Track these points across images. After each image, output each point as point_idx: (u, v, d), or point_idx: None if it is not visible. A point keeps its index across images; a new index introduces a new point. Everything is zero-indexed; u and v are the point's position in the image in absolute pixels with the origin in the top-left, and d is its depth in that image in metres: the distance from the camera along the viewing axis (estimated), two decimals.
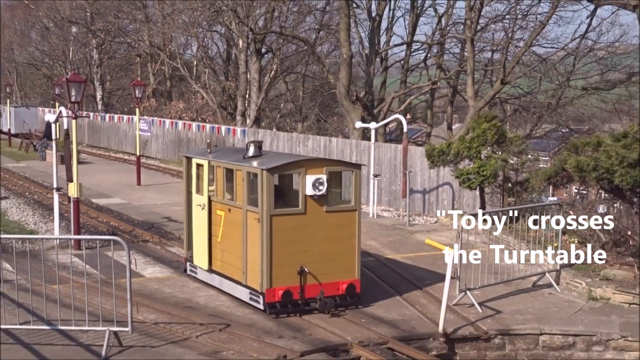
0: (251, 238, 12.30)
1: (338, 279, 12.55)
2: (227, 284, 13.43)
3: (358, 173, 12.85)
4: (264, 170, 11.77)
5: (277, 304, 12.13)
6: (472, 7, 33.49)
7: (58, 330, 11.30)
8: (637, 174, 14.14)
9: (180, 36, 49.63)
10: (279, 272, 12.01)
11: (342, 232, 12.59)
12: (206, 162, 13.70)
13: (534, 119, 38.57)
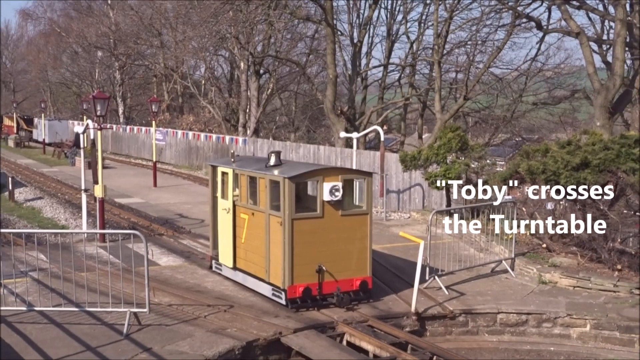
0: (273, 239, 11.84)
1: (352, 276, 12.07)
2: (250, 280, 12.87)
3: (370, 180, 12.39)
4: (286, 178, 11.33)
5: (297, 300, 11.70)
6: (439, 35, 33.58)
7: (86, 312, 11.27)
8: (579, 176, 14.18)
9: (190, 59, 49.59)
10: (300, 271, 11.55)
11: (355, 234, 12.10)
12: (231, 170, 13.16)
13: (492, 129, 38.70)
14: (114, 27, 57.19)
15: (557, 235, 16.38)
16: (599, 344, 12.11)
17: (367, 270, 12.23)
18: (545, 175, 14.62)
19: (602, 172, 14.20)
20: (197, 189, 30.12)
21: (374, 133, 29.44)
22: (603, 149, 14.32)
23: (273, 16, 35.52)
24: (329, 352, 10.77)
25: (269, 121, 49.66)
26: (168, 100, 53.63)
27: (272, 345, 11.09)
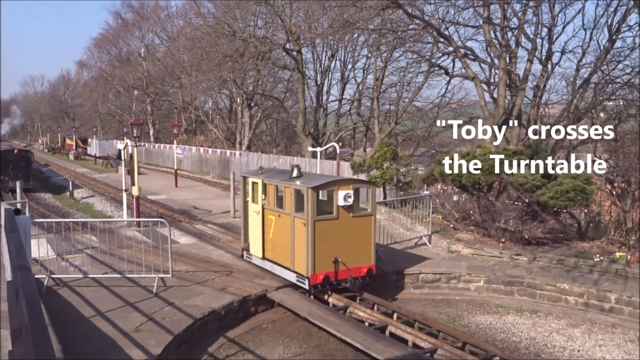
0: (298, 236, 11.04)
1: (360, 264, 11.25)
2: (277, 268, 11.88)
3: (374, 188, 11.66)
4: (309, 188, 10.63)
5: (318, 285, 10.90)
6: (377, 78, 33.80)
7: (126, 277, 11.14)
8: (475, 177, 14.33)
9: (201, 96, 49.31)
10: (320, 262, 10.80)
11: (362, 231, 11.28)
12: (260, 180, 12.28)
13: (415, 144, 38.99)
14: (146, 73, 56.74)
15: (460, 218, 16.59)
16: (489, 294, 12.28)
17: (371, 260, 11.44)
18: (451, 176, 14.75)
19: (491, 174, 14.35)
20: (206, 189, 29.89)
21: (332, 148, 29.48)
22: (491, 157, 14.43)
23: (260, 65, 35.56)
24: (300, 303, 10.79)
25: (258, 140, 49.46)
26: (185, 125, 53.22)
27: (261, 299, 11.09)
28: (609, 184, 19.64)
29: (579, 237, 15.39)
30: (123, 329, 8.72)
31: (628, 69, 24.21)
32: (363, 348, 8.75)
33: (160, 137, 60.71)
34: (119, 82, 61.56)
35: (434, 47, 27.56)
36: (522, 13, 24.18)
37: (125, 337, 8.43)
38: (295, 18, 32.59)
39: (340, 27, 23.85)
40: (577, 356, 9.55)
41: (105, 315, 9.28)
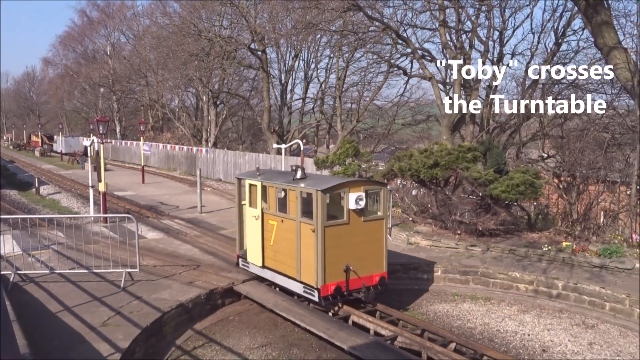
0: (305, 244, 9.82)
1: (372, 272, 10.06)
2: (279, 278, 10.66)
3: (386, 190, 10.46)
4: (319, 191, 9.44)
5: (329, 297, 9.67)
6: (339, 78, 33.82)
7: (93, 272, 10.89)
8: (433, 172, 14.50)
9: (168, 94, 48.41)
10: (330, 271, 9.59)
11: (374, 236, 10.14)
12: (259, 183, 11.02)
13: (375, 141, 39.25)
14: (112, 71, 55.44)
15: (418, 212, 16.78)
16: (446, 283, 12.45)
17: (383, 267, 10.28)
18: (410, 172, 14.87)
19: (447, 169, 14.52)
20: (174, 185, 29.39)
21: (297, 145, 29.42)
22: (448, 154, 14.61)
23: (226, 64, 35.12)
24: (266, 295, 10.74)
25: (224, 137, 48.88)
26: (152, 122, 52.21)
27: (227, 291, 11.01)
28: (556, 178, 20.20)
29: (529, 228, 15.78)
30: (90, 324, 8.51)
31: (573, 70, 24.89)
32: (327, 337, 8.76)
33: (127, 134, 59.44)
34: (85, 79, 59.95)
35: (393, 49, 27.74)
36: (475, 17, 24.57)
37: (92, 332, 8.23)
38: (259, 19, 32.32)
39: (303, 28, 23.75)
40: (527, 340, 9.79)
41: (72, 310, 9.04)
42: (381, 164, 21.99)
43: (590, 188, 19.14)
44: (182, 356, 8.89)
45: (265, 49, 32.69)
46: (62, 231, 14.66)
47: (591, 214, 18.65)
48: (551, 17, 24.76)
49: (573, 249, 12.67)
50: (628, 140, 20.76)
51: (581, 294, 11.11)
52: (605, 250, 12.20)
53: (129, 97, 58.02)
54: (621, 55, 14.06)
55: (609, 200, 19.51)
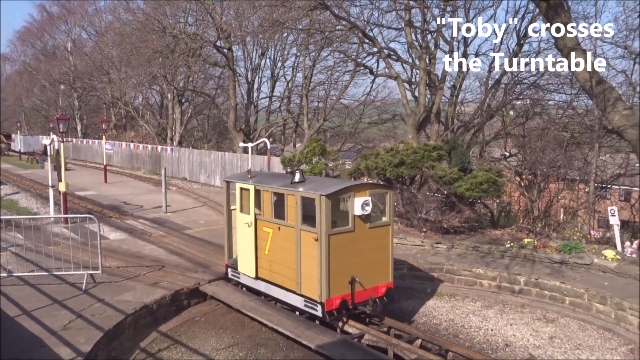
0: (307, 253, 9.00)
1: (378, 283, 9.39)
2: (275, 290, 9.84)
3: (392, 193, 9.72)
4: (323, 195, 8.60)
5: (334, 312, 8.91)
6: (306, 77, 33.79)
7: (53, 275, 10.59)
8: (399, 171, 14.64)
9: (131, 91, 47.46)
10: (335, 284, 8.81)
11: (380, 244, 9.42)
12: (251, 186, 10.15)
13: (342, 140, 39.40)
14: (73, 68, 53.99)
15: None
16: (412, 280, 12.56)
17: (389, 277, 9.61)
18: (377, 170, 14.98)
19: (413, 168, 14.68)
20: (137, 184, 28.83)
21: (263, 143, 29.29)
22: (413, 153, 14.76)
23: (191, 62, 34.66)
24: (233, 295, 10.65)
25: (189, 135, 48.29)
26: (115, 120, 51.07)
27: (193, 292, 10.87)
28: (518, 176, 20.71)
29: (492, 225, 16.09)
30: (51, 327, 8.28)
31: (534, 70, 25.54)
32: (294, 336, 8.74)
33: (89, 133, 58.07)
34: (45, 76, 58.21)
35: (359, 48, 27.89)
36: (440, 17, 24.91)
37: (53, 336, 8.00)
38: (225, 16, 32.00)
39: (269, 26, 23.62)
40: (490, 335, 9.99)
41: (31, 314, 8.77)
42: (348, 162, 22.06)
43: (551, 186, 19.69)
44: (146, 359, 8.73)
45: (231, 47, 32.41)
46: (20, 232, 14.21)
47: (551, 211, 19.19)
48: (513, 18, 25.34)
49: (534, 246, 12.98)
50: (587, 140, 21.41)
51: (542, 289, 11.39)
52: (564, 246, 12.55)
53: (91, 95, 56.70)
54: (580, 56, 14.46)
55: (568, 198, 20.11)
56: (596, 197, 19.22)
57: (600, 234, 16.04)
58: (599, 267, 11.76)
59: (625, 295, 10.25)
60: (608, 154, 22.66)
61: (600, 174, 20.51)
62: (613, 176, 21.70)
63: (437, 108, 24.66)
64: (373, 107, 37.02)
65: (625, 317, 10.04)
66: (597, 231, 17.45)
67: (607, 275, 11.47)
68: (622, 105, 14.21)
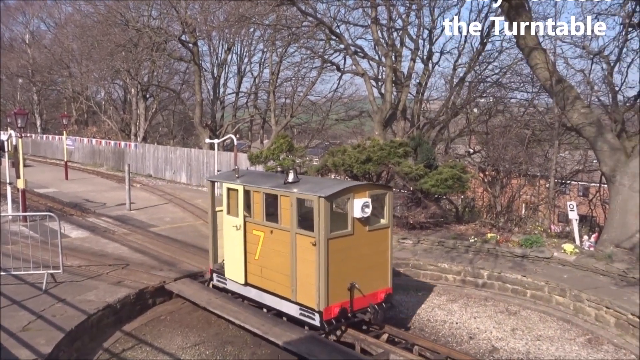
0: (303, 259, 8.48)
1: (377, 289, 8.94)
2: (267, 298, 9.31)
3: (390, 194, 9.19)
4: (322, 197, 8.06)
5: (333, 320, 8.40)
6: (273, 73, 33.61)
7: (12, 275, 10.26)
8: (366, 167, 14.71)
9: (93, 86, 46.31)
10: (334, 291, 8.33)
11: (379, 248, 8.97)
12: (240, 187, 9.52)
13: (310, 137, 39.42)
14: (32, 61, 52.32)
15: None
16: None
17: (388, 282, 9.17)
18: (344, 167, 15.03)
19: (379, 164, 14.78)
20: (100, 181, 28.21)
21: (230, 140, 29.04)
22: (380, 149, 14.86)
23: (155, 56, 34.09)
24: (199, 293, 10.54)
25: (154, 131, 47.48)
26: (76, 115, 49.74)
27: (159, 290, 10.73)
28: (482, 173, 21.12)
29: (457, 220, 16.38)
30: (9, 329, 8.04)
31: (497, 69, 26.09)
32: (261, 333, 8.72)
33: (49, 128, 56.43)
34: (1, 69, 56.25)
35: (326, 44, 27.91)
36: (406, 15, 25.16)
37: (11, 337, 7.77)
38: (190, 10, 31.52)
39: (235, 21, 23.39)
40: (455, 328, 10.18)
41: None
42: (315, 159, 22.09)
43: (513, 182, 20.18)
44: (110, 359, 8.57)
45: (196, 42, 31.99)
46: None
47: (513, 206, 19.66)
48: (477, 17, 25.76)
49: (497, 240, 13.28)
50: (547, 137, 22.01)
51: (505, 283, 11.67)
52: (526, 240, 12.88)
53: (51, 89, 55.11)
54: (540, 56, 14.84)
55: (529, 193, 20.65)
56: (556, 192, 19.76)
57: (560, 228, 16.51)
58: (558, 261, 12.12)
59: (583, 287, 10.60)
60: (567, 151, 23.35)
61: (560, 170, 21.12)
62: (572, 172, 22.37)
63: (403, 105, 24.92)
64: (340, 104, 37.13)
65: (583, 308, 10.38)
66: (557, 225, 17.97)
67: (566, 268, 11.82)
68: (581, 103, 14.68)
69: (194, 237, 14.87)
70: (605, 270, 11.31)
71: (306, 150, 24.03)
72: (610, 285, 10.70)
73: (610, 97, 17.80)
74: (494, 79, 26.09)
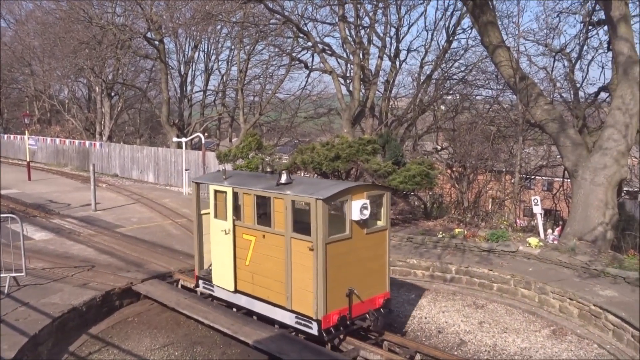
0: (299, 264, 8.05)
1: (375, 294, 8.59)
2: (259, 305, 8.88)
3: (388, 195, 8.81)
4: (319, 199, 7.63)
5: (331, 329, 7.99)
6: (241, 70, 33.37)
7: None
8: (335, 165, 14.75)
9: (56, 84, 45.13)
10: (332, 297, 7.92)
11: (376, 251, 8.60)
12: (229, 189, 9.03)
13: (279, 134, 39.32)
14: None
15: None
16: None
17: (386, 286, 8.81)
18: (313, 165, 15.04)
19: (348, 162, 14.83)
20: (64, 181, 27.52)
21: (198, 138, 28.71)
22: (348, 147, 14.91)
23: (120, 54, 33.44)
24: (168, 293, 10.40)
25: (120, 130, 46.61)
26: (38, 114, 48.44)
27: (126, 292, 10.54)
28: (449, 169, 21.42)
29: (425, 216, 16.58)
30: None
31: (463, 67, 26.51)
32: (231, 333, 8.65)
33: (10, 128, 54.78)
34: None
35: (294, 42, 27.88)
36: (373, 13, 25.32)
37: None
38: (156, 7, 31.04)
39: (202, 19, 23.12)
40: (424, 322, 10.30)
41: None
42: (285, 157, 22.04)
43: (479, 177, 20.52)
44: None
45: (162, 39, 31.50)
46: None
47: (480, 201, 20.00)
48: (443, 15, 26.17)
49: (464, 235, 13.48)
50: (512, 133, 22.48)
51: (472, 277, 11.87)
52: (492, 235, 13.12)
53: (12, 87, 53.47)
54: (504, 54, 15.13)
55: (495, 189, 21.03)
56: (521, 187, 20.19)
57: (525, 223, 16.89)
58: (523, 254, 12.38)
59: (547, 280, 10.85)
60: (531, 147, 23.89)
61: (525, 166, 21.60)
62: (536, 167, 22.91)
63: (372, 103, 25.07)
64: (309, 102, 37.14)
65: (547, 300, 10.64)
66: (523, 220, 18.38)
67: (531, 262, 12.09)
68: (544, 100, 15.03)
69: (162, 238, 14.65)
70: (568, 262, 11.61)
71: (275, 148, 24.01)
72: (573, 277, 10.99)
73: (572, 94, 18.28)
74: (460, 76, 26.52)
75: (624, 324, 8.95)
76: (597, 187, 13.01)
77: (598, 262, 11.37)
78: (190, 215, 17.77)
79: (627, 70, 12.97)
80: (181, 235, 14.93)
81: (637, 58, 13.06)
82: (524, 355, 8.83)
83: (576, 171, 13.56)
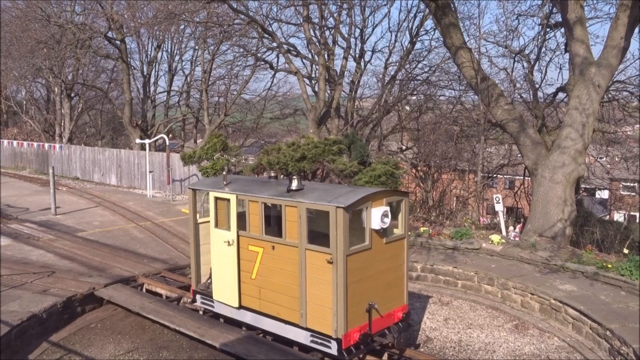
0: (315, 279, 7.36)
1: (393, 307, 7.95)
2: (267, 322, 8.15)
3: (407, 200, 8.15)
4: (339, 208, 6.94)
5: (352, 348, 7.31)
6: (205, 71, 33.03)
7: None
8: (301, 165, 14.73)
9: (13, 85, 43.68)
10: (353, 314, 7.24)
11: (395, 262, 7.97)
12: (232, 196, 8.26)
13: (244, 135, 39.08)
14: None
15: None
16: None
17: (404, 298, 8.19)
18: (279, 165, 14.98)
19: (314, 162, 14.84)
20: (22, 185, 26.66)
21: (162, 139, 28.26)
22: (314, 147, 14.92)
23: (80, 54, 32.62)
24: (132, 298, 10.21)
25: (81, 132, 45.44)
26: None
27: (88, 297, 10.29)
28: (414, 168, 21.72)
29: None
30: None
31: (426, 67, 26.89)
32: (198, 336, 8.55)
33: None
34: None
35: (259, 42, 27.74)
36: (337, 14, 25.43)
37: None
38: (117, 6, 30.41)
39: (165, 18, 22.75)
40: None
41: None
42: (251, 158, 21.91)
43: (444, 177, 20.88)
44: None
45: (124, 38, 30.88)
46: None
47: (445, 200, 20.34)
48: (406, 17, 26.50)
49: (430, 234, 13.68)
50: (474, 133, 22.95)
51: (437, 275, 12.05)
52: (456, 233, 13.35)
53: None
54: (466, 55, 15.42)
55: (459, 188, 21.43)
56: (484, 186, 20.62)
57: (488, 220, 17.26)
58: (487, 251, 12.65)
59: (509, 276, 11.11)
60: (493, 146, 24.43)
61: (487, 165, 22.08)
62: (498, 166, 23.44)
63: (337, 103, 25.18)
64: (275, 102, 37.04)
65: (509, 295, 10.90)
66: (485, 217, 18.76)
67: (494, 258, 12.36)
68: (504, 100, 15.39)
69: (126, 241, 14.37)
70: (529, 258, 11.92)
71: (241, 149, 23.83)
72: (534, 273, 11.29)
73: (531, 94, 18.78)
74: (424, 77, 26.87)
75: (582, 317, 9.24)
76: (556, 184, 13.40)
77: (558, 257, 11.70)
78: (154, 218, 17.49)
79: (583, 71, 13.40)
80: (145, 239, 14.68)
81: (593, 59, 13.51)
82: (487, 350, 9.02)
83: (536, 169, 13.93)
